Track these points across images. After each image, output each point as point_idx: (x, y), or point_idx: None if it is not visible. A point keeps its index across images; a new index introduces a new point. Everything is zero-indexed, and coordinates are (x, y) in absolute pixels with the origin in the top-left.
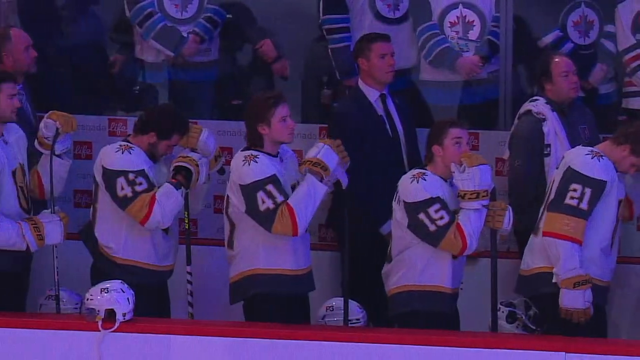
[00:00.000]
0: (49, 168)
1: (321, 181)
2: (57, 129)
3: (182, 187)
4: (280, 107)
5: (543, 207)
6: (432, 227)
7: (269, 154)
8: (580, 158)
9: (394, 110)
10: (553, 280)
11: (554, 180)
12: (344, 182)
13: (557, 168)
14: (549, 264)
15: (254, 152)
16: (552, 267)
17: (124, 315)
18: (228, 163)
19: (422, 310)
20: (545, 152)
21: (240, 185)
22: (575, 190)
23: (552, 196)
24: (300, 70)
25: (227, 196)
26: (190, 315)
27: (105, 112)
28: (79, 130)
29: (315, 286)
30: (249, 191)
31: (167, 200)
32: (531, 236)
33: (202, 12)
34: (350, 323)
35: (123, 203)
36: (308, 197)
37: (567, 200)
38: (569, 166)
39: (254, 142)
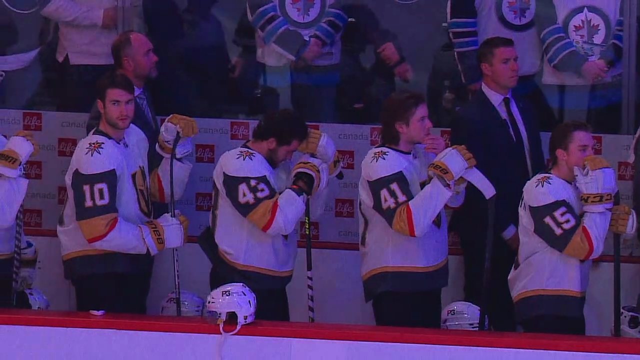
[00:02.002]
0: (169, 172)
1: (447, 185)
2: (178, 132)
3: (304, 194)
4: (420, 107)
5: None
6: (558, 231)
7: (402, 151)
8: None
9: (518, 114)
10: None
11: None
12: (486, 192)
13: None
14: None
15: (384, 149)
16: None
17: (246, 318)
18: (350, 166)
19: (549, 315)
20: None
21: (368, 181)
22: None
23: None
24: (425, 73)
25: (359, 193)
26: (311, 319)
27: (226, 116)
28: (201, 134)
29: (447, 282)
30: (375, 187)
31: (289, 207)
32: None
33: (324, 15)
34: (472, 327)
35: (245, 209)
36: (429, 201)
37: None
38: None
39: (389, 139)
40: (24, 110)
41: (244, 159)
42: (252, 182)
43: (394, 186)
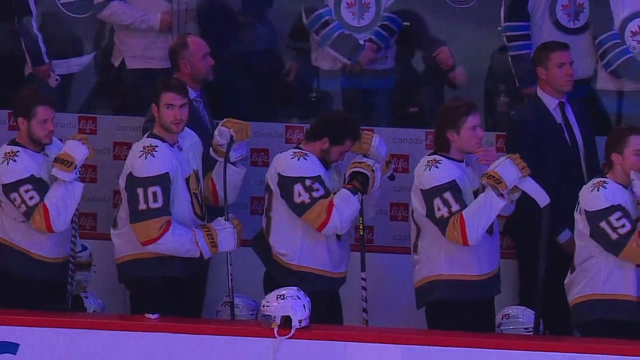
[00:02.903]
0: (223, 175)
1: (500, 195)
2: (232, 136)
3: (359, 193)
4: (471, 116)
5: None
6: (614, 236)
7: (453, 159)
8: None
9: (573, 119)
10: None
11: None
12: (541, 201)
13: None
14: None
15: (437, 157)
16: None
17: (300, 322)
18: (405, 170)
19: (605, 320)
20: None
21: (421, 189)
22: None
23: None
24: (480, 78)
25: (412, 200)
26: (365, 321)
27: (281, 119)
28: (255, 138)
29: (500, 290)
30: (427, 196)
31: (345, 206)
32: None
33: (379, 20)
34: (527, 331)
35: (300, 209)
36: (482, 210)
37: None
38: None
39: (441, 147)
40: (79, 114)
41: (298, 159)
42: (307, 182)
43: (447, 195)
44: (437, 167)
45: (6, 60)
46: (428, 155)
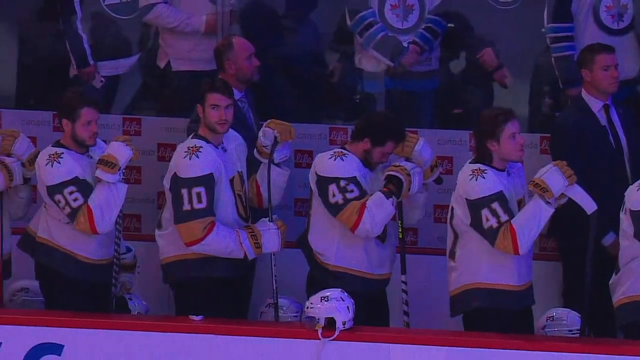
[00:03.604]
0: (267, 177)
1: (548, 203)
2: (276, 137)
3: (393, 196)
4: (509, 123)
5: None
6: None
7: (497, 169)
8: None
9: (618, 121)
10: None
11: None
12: (588, 208)
13: None
14: None
15: (482, 167)
16: None
17: (344, 323)
18: (449, 172)
19: None
20: None
21: (467, 199)
22: None
23: None
24: (525, 79)
25: (452, 207)
26: (406, 324)
27: (325, 121)
28: (300, 139)
29: (535, 300)
30: (474, 207)
31: (377, 209)
32: None
33: (423, 21)
34: (571, 333)
35: (334, 210)
36: (532, 219)
37: None
38: None
39: (483, 157)
40: (123, 115)
41: (335, 160)
42: (342, 183)
43: (495, 205)
44: (484, 178)
45: (51, 61)
46: (470, 162)
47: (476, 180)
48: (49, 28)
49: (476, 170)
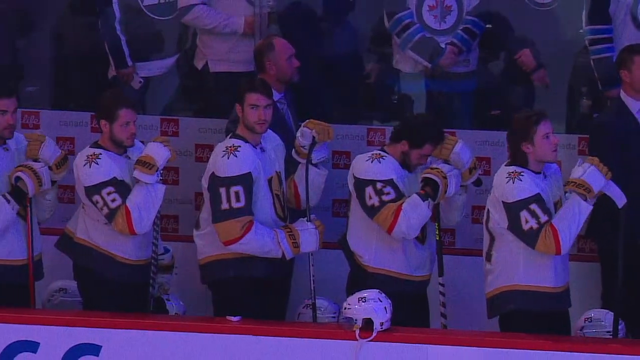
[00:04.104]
0: (305, 177)
1: (586, 200)
2: (314, 137)
3: (429, 199)
4: (542, 124)
5: None
6: None
7: (533, 171)
8: None
9: None
10: None
11: None
12: (619, 201)
13: None
14: None
15: (519, 169)
16: None
17: (382, 324)
18: (487, 173)
19: None
20: None
21: (504, 202)
22: None
23: None
24: (564, 80)
25: (488, 209)
26: (443, 325)
27: (362, 122)
28: (337, 140)
29: (571, 303)
30: (512, 209)
31: (413, 212)
32: None
33: (461, 23)
34: (609, 335)
35: (371, 212)
36: (572, 218)
37: None
38: None
39: (519, 160)
40: (161, 116)
41: (372, 162)
42: (379, 185)
43: (534, 207)
44: (521, 180)
45: (89, 62)
46: (506, 165)
47: (513, 183)
48: (87, 29)
49: (512, 173)
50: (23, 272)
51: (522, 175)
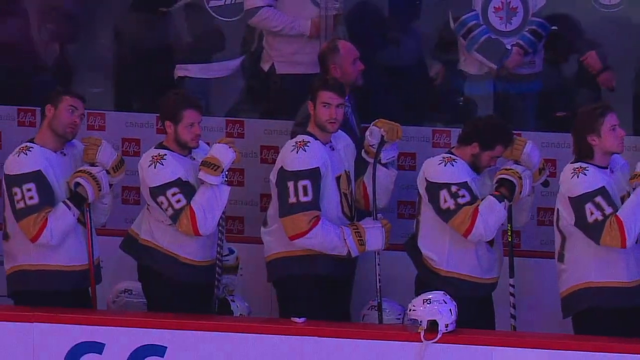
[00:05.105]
0: (372, 175)
1: None
2: (383, 136)
3: (505, 200)
4: (608, 116)
5: None
6: None
7: (599, 166)
8: None
9: None
10: None
11: None
12: None
13: None
14: None
15: (583, 164)
16: None
17: (447, 326)
18: (552, 175)
19: None
20: None
21: (569, 197)
22: None
23: None
24: (630, 82)
25: (557, 209)
26: (513, 327)
27: (428, 124)
28: (403, 142)
29: None
30: (577, 203)
31: (490, 213)
32: None
33: (527, 24)
34: None
35: (446, 215)
36: (638, 209)
37: None
38: None
39: (585, 155)
40: (226, 118)
41: (445, 165)
42: (453, 188)
43: (599, 199)
44: (585, 174)
45: (154, 64)
46: (572, 162)
47: (577, 177)
48: (153, 29)
49: (577, 168)
50: (83, 277)
51: (587, 170)
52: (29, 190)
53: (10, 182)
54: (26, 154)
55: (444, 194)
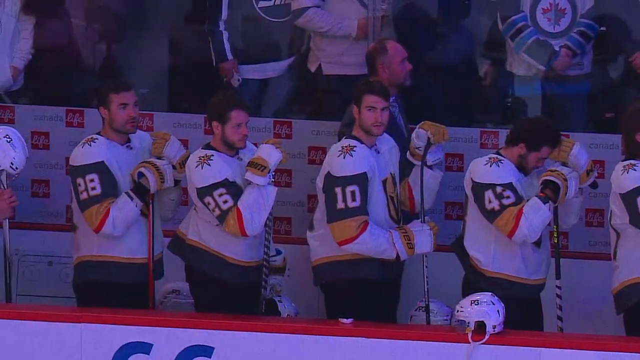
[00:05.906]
0: (419, 178)
1: None
2: (429, 138)
3: (550, 202)
4: None
5: None
6: None
7: None
8: None
9: None
10: None
11: None
12: None
13: None
14: None
15: (633, 162)
16: None
17: (494, 327)
18: (600, 176)
19: None
20: None
21: (620, 193)
22: None
23: None
24: None
25: (611, 208)
26: (560, 329)
27: (475, 125)
28: (450, 143)
29: None
30: (629, 198)
31: (535, 215)
32: None
33: (575, 25)
34: None
35: (491, 216)
36: None
37: None
38: None
39: (635, 152)
40: (274, 119)
41: (490, 166)
42: (498, 189)
43: None
44: (635, 170)
45: (202, 65)
46: (622, 161)
47: (627, 173)
48: (199, 32)
49: (627, 165)
50: (143, 271)
51: (637, 166)
52: (91, 181)
53: (74, 173)
54: (90, 145)
55: (488, 194)
